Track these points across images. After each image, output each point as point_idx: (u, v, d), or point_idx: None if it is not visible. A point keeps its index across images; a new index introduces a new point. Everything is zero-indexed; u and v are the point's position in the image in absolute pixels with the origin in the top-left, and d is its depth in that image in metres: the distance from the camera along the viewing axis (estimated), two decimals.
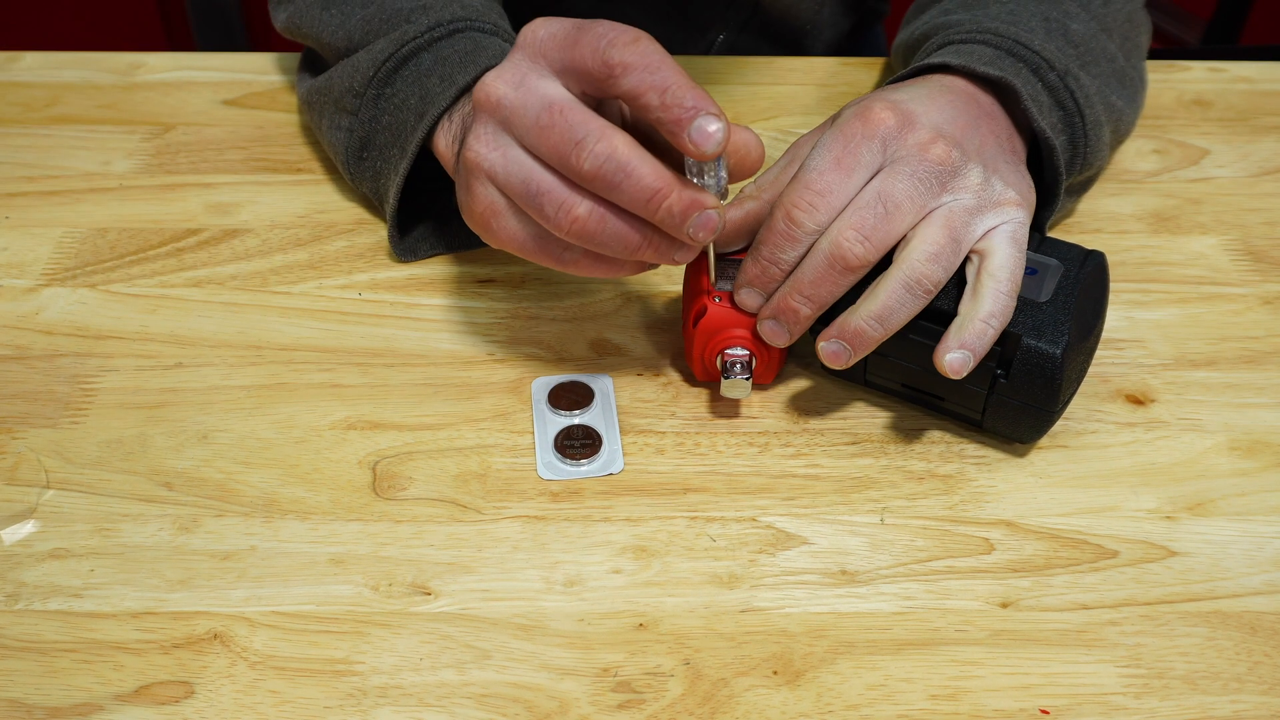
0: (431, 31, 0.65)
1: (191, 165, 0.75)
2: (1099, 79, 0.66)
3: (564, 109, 0.50)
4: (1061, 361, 0.54)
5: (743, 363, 0.58)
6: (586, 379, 0.62)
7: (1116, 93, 0.67)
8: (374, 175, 0.67)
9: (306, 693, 0.49)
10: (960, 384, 0.56)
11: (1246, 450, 0.59)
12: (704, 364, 0.59)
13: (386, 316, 0.65)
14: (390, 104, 0.65)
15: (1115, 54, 0.68)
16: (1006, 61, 0.62)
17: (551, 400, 0.60)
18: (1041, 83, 0.63)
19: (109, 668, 0.50)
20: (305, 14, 0.72)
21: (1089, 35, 0.67)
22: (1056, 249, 0.58)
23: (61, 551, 0.54)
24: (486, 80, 0.52)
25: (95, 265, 0.68)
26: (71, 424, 0.60)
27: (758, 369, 0.59)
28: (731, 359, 0.58)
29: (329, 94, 0.69)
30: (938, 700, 0.49)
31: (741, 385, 0.58)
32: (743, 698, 0.49)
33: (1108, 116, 0.66)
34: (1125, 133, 0.71)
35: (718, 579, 0.54)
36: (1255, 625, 0.52)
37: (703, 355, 0.59)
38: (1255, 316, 0.66)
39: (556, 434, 0.59)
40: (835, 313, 0.56)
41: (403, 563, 0.54)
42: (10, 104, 0.79)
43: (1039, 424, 0.56)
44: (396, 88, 0.65)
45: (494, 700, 0.49)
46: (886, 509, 0.56)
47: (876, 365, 0.59)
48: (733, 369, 0.58)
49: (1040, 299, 0.56)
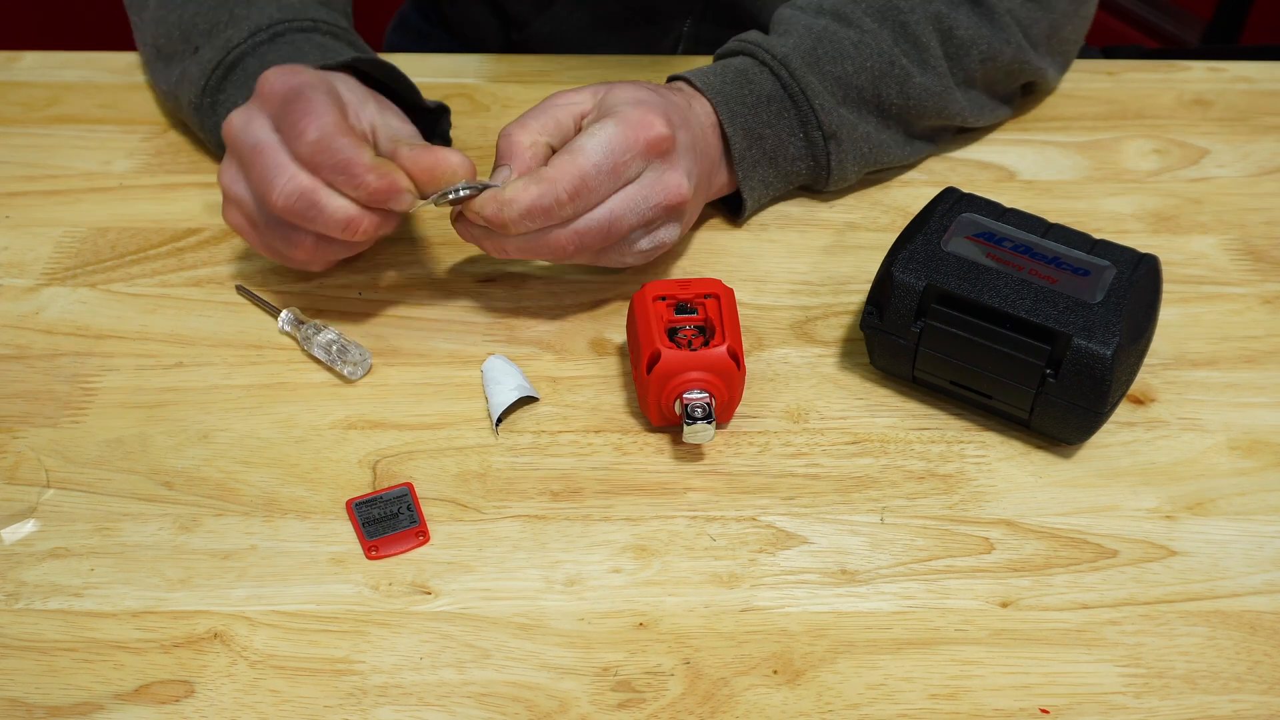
0: (254, 36, 0.68)
1: (191, 165, 0.75)
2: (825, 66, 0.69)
3: (263, 150, 0.57)
4: (1112, 363, 0.54)
5: (704, 406, 0.56)
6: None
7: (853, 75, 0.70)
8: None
9: (307, 692, 0.49)
10: (1009, 382, 0.57)
11: (1246, 450, 0.59)
12: (661, 410, 0.58)
13: (386, 316, 0.65)
14: (224, 110, 0.68)
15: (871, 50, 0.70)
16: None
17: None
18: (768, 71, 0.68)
19: (109, 667, 0.50)
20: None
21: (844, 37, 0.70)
22: (1109, 251, 0.59)
23: (62, 551, 0.54)
24: (229, 116, 0.59)
25: (95, 265, 0.68)
26: (72, 423, 0.60)
27: (717, 409, 0.57)
28: (692, 403, 0.56)
29: (178, 110, 0.73)
30: (938, 700, 0.49)
31: (704, 430, 0.56)
32: (743, 697, 0.49)
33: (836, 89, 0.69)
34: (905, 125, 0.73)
35: (718, 578, 0.54)
36: (1255, 625, 0.52)
37: (659, 401, 0.57)
38: (1255, 316, 0.66)
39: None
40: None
41: (403, 562, 0.54)
42: (10, 104, 0.79)
43: (1086, 425, 0.57)
44: (228, 93, 0.68)
45: (494, 699, 0.49)
46: (886, 509, 0.56)
47: (925, 362, 0.59)
48: (694, 413, 0.56)
49: (1092, 300, 0.56)
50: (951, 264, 0.58)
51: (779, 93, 0.67)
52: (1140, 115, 0.79)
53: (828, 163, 0.69)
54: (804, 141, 0.69)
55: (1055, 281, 0.57)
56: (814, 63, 0.68)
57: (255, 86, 0.59)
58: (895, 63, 0.69)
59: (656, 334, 0.57)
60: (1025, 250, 0.59)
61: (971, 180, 0.74)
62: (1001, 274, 0.57)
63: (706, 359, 0.56)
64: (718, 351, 0.57)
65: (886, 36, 0.69)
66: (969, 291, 0.57)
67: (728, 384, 0.57)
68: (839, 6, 0.70)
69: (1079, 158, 0.76)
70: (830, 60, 0.68)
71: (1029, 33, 0.73)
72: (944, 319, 0.57)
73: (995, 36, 0.71)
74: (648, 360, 0.57)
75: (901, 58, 0.69)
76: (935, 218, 0.60)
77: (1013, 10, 0.72)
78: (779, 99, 0.67)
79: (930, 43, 0.70)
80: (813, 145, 0.69)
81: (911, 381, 0.61)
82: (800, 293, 0.67)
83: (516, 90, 0.81)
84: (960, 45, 0.71)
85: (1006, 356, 0.56)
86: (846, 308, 0.66)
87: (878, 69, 0.69)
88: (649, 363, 0.57)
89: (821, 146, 0.68)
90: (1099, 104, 0.80)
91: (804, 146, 0.69)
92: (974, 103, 0.73)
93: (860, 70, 0.69)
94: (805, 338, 0.64)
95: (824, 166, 0.69)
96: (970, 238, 0.59)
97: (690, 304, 0.59)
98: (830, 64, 0.68)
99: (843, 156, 0.69)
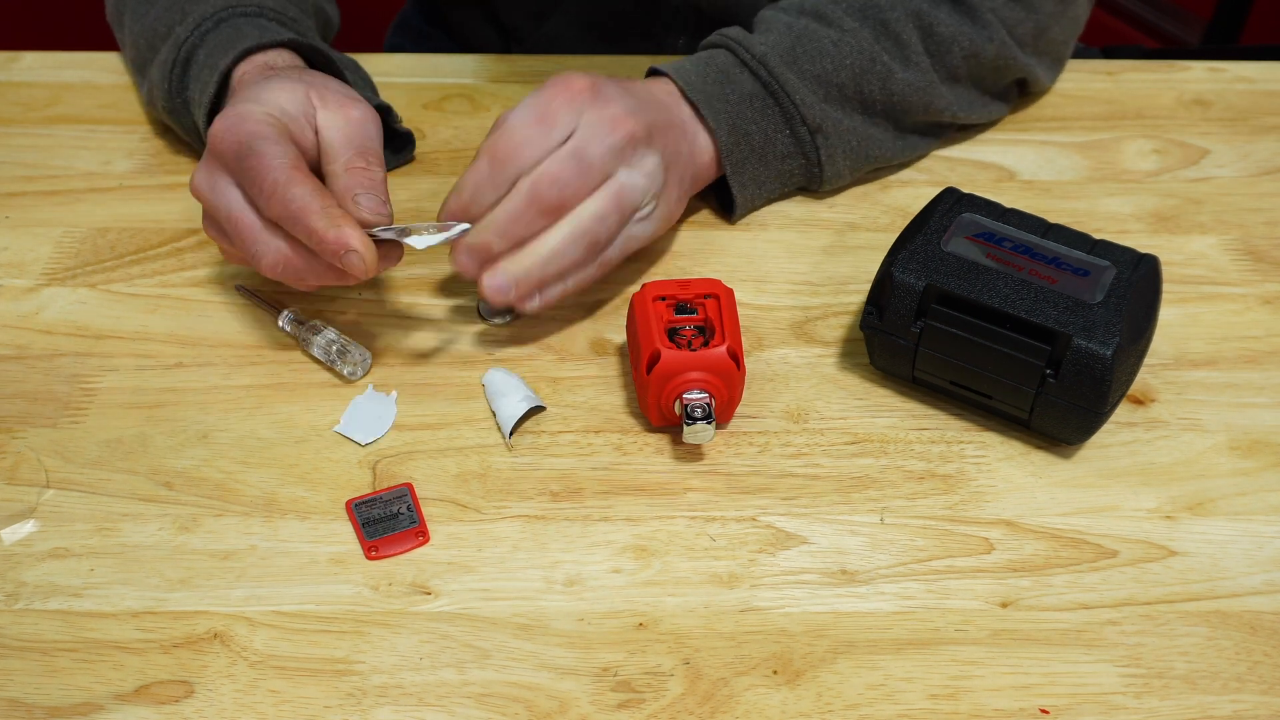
0: (200, 27, 0.68)
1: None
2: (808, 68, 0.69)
3: (236, 222, 0.57)
4: (1112, 363, 0.54)
5: (704, 406, 0.56)
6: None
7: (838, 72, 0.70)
8: None
9: (306, 692, 0.49)
10: (1009, 383, 0.57)
11: (1246, 450, 0.59)
12: (660, 410, 0.58)
13: (386, 316, 0.65)
14: (189, 105, 0.69)
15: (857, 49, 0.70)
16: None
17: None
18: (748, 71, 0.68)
19: (109, 667, 0.50)
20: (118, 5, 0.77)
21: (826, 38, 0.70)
22: (1109, 251, 0.59)
23: (61, 551, 0.54)
24: (195, 173, 0.59)
25: (95, 265, 0.68)
26: (71, 424, 0.60)
27: (717, 409, 0.57)
28: (692, 404, 0.56)
29: (160, 114, 0.73)
30: (938, 700, 0.49)
31: (705, 430, 0.56)
32: (743, 697, 0.49)
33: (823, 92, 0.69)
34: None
35: (718, 579, 0.54)
36: (1255, 625, 0.52)
37: (659, 402, 0.57)
38: (1255, 316, 0.66)
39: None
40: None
41: (402, 562, 0.54)
42: (10, 104, 0.79)
43: (1086, 425, 0.57)
44: (191, 89, 0.69)
45: (494, 700, 0.49)
46: (886, 509, 0.56)
47: (925, 362, 0.59)
48: (694, 413, 0.56)
49: (1092, 300, 0.56)
50: (951, 264, 0.58)
51: (759, 91, 0.68)
52: (1140, 115, 0.79)
53: (819, 158, 0.69)
54: (791, 138, 0.69)
55: (1055, 282, 0.57)
56: (792, 60, 0.68)
57: (207, 140, 0.59)
58: (876, 59, 0.69)
59: (656, 334, 0.57)
60: (1025, 250, 0.59)
61: (971, 180, 0.74)
62: (1001, 274, 0.57)
63: (706, 359, 0.56)
64: (717, 352, 0.57)
65: (867, 34, 0.70)
66: (969, 292, 0.57)
67: (728, 384, 0.57)
68: (819, 6, 0.71)
69: (1079, 158, 0.76)
70: (808, 58, 0.69)
71: (1014, 32, 0.73)
72: (944, 319, 0.57)
73: (978, 34, 0.71)
74: (647, 360, 0.57)
75: (883, 54, 0.70)
76: (935, 218, 0.60)
77: (996, 9, 0.72)
78: (760, 96, 0.68)
79: (911, 39, 0.70)
80: (800, 141, 0.69)
81: (911, 381, 0.61)
82: (800, 293, 0.67)
83: (516, 90, 0.80)
84: (941, 42, 0.71)
85: (1006, 357, 0.56)
86: (846, 308, 0.66)
87: (858, 65, 0.69)
88: (649, 363, 0.57)
89: (809, 142, 0.69)
90: (1099, 104, 0.80)
91: (792, 143, 0.69)
92: (962, 99, 0.73)
93: (840, 68, 0.69)
94: (805, 338, 0.64)
95: (815, 163, 0.70)
96: (970, 238, 0.59)
97: (690, 304, 0.59)
98: (808, 62, 0.69)
99: (832, 151, 0.69)
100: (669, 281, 0.60)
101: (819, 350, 0.64)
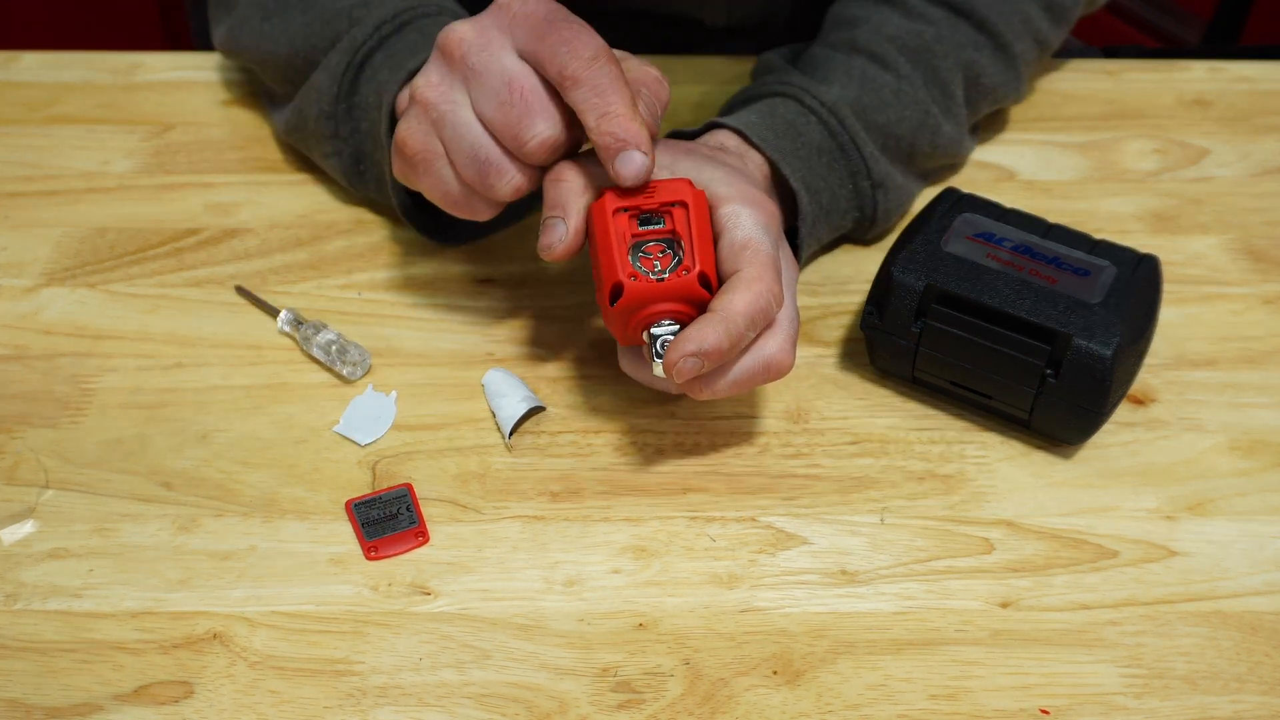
0: (379, 30, 0.65)
1: (191, 165, 0.75)
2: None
3: (523, 89, 0.52)
4: (1112, 363, 0.54)
5: (674, 339, 0.51)
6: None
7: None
8: (376, 181, 0.67)
9: (306, 693, 0.49)
10: (1009, 383, 0.57)
11: (1246, 450, 0.59)
12: (627, 337, 0.54)
13: (386, 316, 0.65)
14: (361, 111, 0.65)
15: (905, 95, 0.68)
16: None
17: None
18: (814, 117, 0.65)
19: (108, 668, 0.50)
20: (245, 26, 0.71)
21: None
22: (1109, 251, 0.59)
23: (61, 551, 0.54)
24: (455, 27, 0.54)
25: (95, 265, 0.68)
26: (71, 424, 0.60)
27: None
28: (661, 337, 0.52)
29: (304, 129, 0.69)
30: (938, 700, 0.49)
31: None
32: (743, 698, 0.49)
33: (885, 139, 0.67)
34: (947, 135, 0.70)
35: (718, 579, 0.54)
36: (1255, 625, 0.52)
37: (625, 332, 0.53)
38: (1255, 316, 0.66)
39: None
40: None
41: (402, 563, 0.54)
42: (10, 104, 0.79)
43: (1086, 425, 0.57)
44: (362, 93, 0.65)
45: (494, 700, 0.49)
46: (886, 509, 0.56)
47: (925, 362, 0.59)
48: (664, 348, 0.51)
49: (1092, 300, 0.56)
50: (951, 264, 0.58)
51: (829, 143, 0.64)
52: (1140, 115, 0.79)
53: (874, 213, 0.67)
54: (853, 192, 0.66)
55: (1055, 282, 0.57)
56: (860, 111, 0.65)
57: (494, 9, 0.54)
58: (929, 113, 0.67)
59: (619, 259, 0.51)
60: (1025, 250, 0.59)
61: (971, 180, 0.74)
62: (1001, 274, 0.57)
63: (675, 288, 0.51)
64: (687, 279, 0.51)
65: (919, 82, 0.67)
66: (969, 292, 0.57)
67: (700, 311, 0.52)
68: (873, 44, 0.67)
69: (1079, 158, 0.76)
70: (875, 109, 0.66)
71: (1028, 76, 0.73)
72: (944, 319, 0.57)
73: (1010, 85, 0.71)
74: (609, 292, 0.52)
75: (933, 106, 0.68)
76: (935, 218, 0.60)
77: (1025, 56, 0.71)
78: (829, 150, 0.64)
79: (956, 91, 0.69)
80: (860, 195, 0.66)
81: (911, 382, 0.61)
82: (800, 293, 0.67)
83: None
84: (982, 93, 0.70)
85: (1006, 357, 0.56)
86: (846, 308, 0.66)
87: (914, 119, 0.67)
88: (611, 295, 0.52)
89: (869, 196, 0.66)
90: (1099, 104, 0.80)
91: (852, 198, 0.66)
92: (970, 145, 0.74)
93: (900, 120, 0.67)
94: (805, 338, 0.64)
95: (869, 217, 0.67)
96: (970, 238, 0.59)
97: (656, 213, 0.53)
98: (875, 113, 0.66)
99: (889, 206, 0.67)
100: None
101: (819, 350, 0.64)
